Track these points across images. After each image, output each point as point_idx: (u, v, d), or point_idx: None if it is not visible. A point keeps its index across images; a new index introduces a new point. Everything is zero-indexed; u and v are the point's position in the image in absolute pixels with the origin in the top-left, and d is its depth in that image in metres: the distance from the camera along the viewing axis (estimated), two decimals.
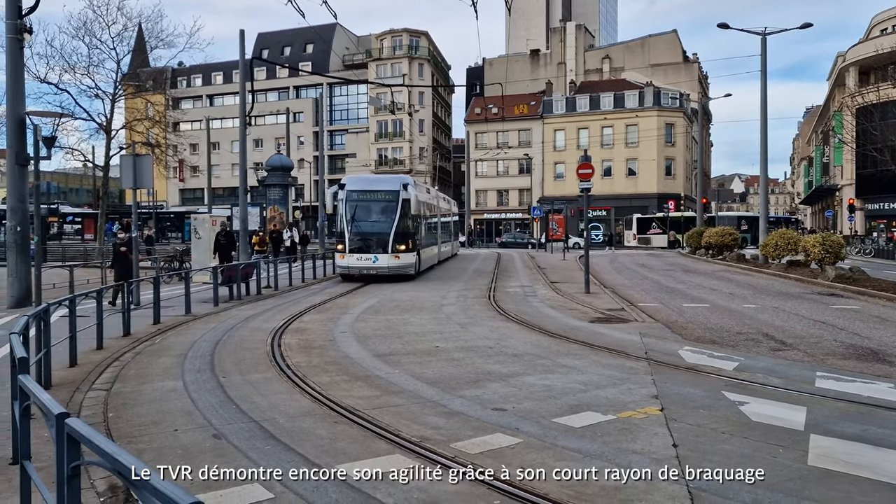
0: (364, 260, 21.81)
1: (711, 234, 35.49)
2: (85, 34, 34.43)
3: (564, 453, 5.51)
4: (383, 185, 23.27)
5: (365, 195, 22.55)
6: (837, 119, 46.55)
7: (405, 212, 22.30)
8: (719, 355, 9.72)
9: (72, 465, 2.83)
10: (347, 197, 22.39)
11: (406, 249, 22.10)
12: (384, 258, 21.71)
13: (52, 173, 64.17)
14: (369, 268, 21.81)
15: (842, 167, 54.91)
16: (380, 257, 21.74)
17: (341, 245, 22.27)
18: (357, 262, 21.89)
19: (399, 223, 22.03)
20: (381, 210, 22.39)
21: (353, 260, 21.89)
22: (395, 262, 21.81)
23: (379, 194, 22.61)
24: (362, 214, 22.34)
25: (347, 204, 22.30)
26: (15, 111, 16.31)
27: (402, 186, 22.50)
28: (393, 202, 22.24)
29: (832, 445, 5.67)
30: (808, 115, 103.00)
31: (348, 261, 21.96)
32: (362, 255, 21.81)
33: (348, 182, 23.24)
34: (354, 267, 21.93)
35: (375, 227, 22.17)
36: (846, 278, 20.26)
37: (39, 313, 7.63)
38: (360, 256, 21.81)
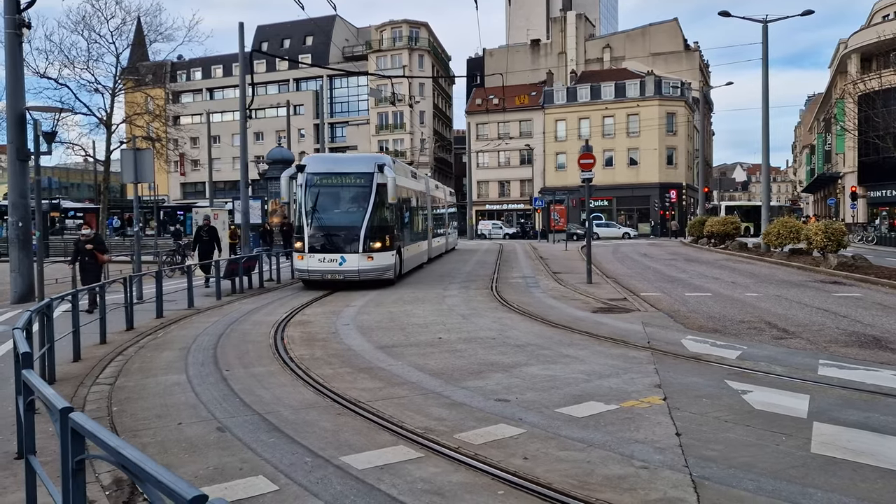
0: (328, 262, 17.28)
1: (713, 224, 35.45)
2: (84, 28, 34.41)
3: (568, 443, 5.52)
4: (353, 166, 18.47)
5: (330, 179, 17.99)
6: (839, 106, 46.38)
7: (381, 199, 17.80)
8: (722, 344, 9.72)
9: (76, 459, 2.83)
10: (308, 181, 17.88)
11: (382, 247, 17.67)
12: (353, 259, 17.26)
13: (52, 168, 64.13)
14: (334, 271, 17.29)
15: (844, 155, 54.77)
16: (348, 258, 17.23)
17: (300, 243, 17.63)
18: (319, 265, 17.33)
19: (373, 214, 17.55)
20: (350, 197, 17.96)
21: (313, 262, 17.31)
22: (367, 265, 17.40)
23: (347, 177, 18.00)
24: (326, 203, 17.86)
25: (308, 190, 17.83)
26: (15, 106, 16.30)
27: (377, 167, 17.87)
28: (365, 187, 17.72)
29: (835, 433, 5.67)
30: (809, 103, 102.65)
31: (308, 263, 17.41)
32: (325, 255, 17.29)
33: (310, 162, 18.44)
34: (315, 270, 17.40)
35: (343, 220, 17.71)
36: (848, 266, 20.23)
37: (42, 308, 7.64)
38: (323, 257, 17.27)
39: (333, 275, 17.27)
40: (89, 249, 14.11)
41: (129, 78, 37.58)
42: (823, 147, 70.43)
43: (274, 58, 72.32)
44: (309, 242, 17.36)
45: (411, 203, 22.53)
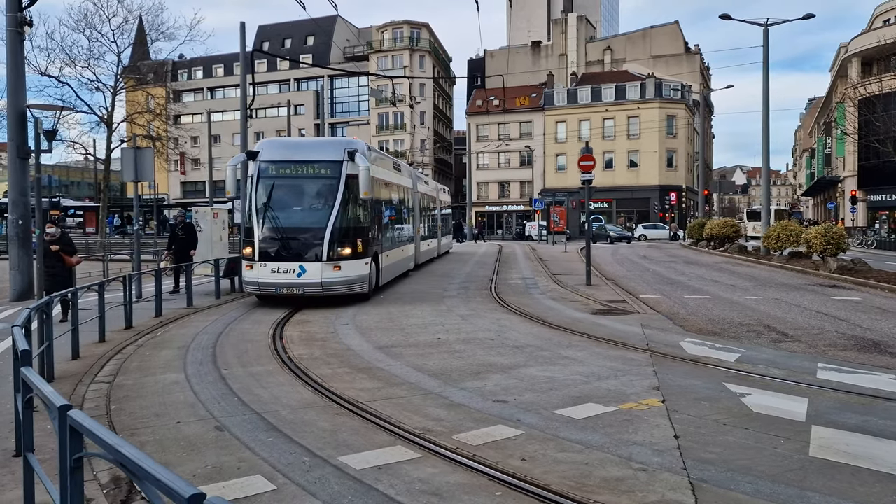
0: (283, 272, 13.91)
1: (713, 226, 35.47)
2: (85, 27, 34.43)
3: (566, 445, 5.52)
4: (317, 153, 14.98)
5: (288, 168, 14.67)
6: (840, 110, 46.39)
7: (352, 194, 14.44)
8: (721, 347, 9.72)
9: (74, 457, 2.83)
10: (261, 171, 14.59)
11: (353, 254, 14.32)
12: (315, 269, 13.91)
13: (53, 167, 64.15)
14: (291, 284, 13.89)
15: (844, 158, 54.77)
16: (309, 268, 13.91)
17: (249, 248, 14.30)
18: (272, 276, 13.94)
19: (342, 212, 14.24)
20: (313, 192, 14.76)
21: (265, 272, 13.95)
22: (333, 276, 14.02)
23: (310, 167, 14.68)
24: (283, 199, 14.60)
25: (260, 182, 14.54)
26: (16, 104, 16.30)
27: (347, 155, 14.50)
28: (332, 179, 14.42)
29: (833, 436, 5.67)
30: (810, 107, 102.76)
31: (259, 273, 14.02)
32: (280, 264, 13.93)
33: (264, 148, 15.08)
34: (268, 283, 13.97)
35: (303, 219, 14.46)
36: (848, 270, 20.24)
37: (41, 306, 7.64)
38: (278, 267, 13.93)
39: (290, 289, 13.88)
40: (55, 251, 12.17)
41: (131, 77, 37.61)
42: (823, 151, 70.48)
43: (275, 57, 72.31)
44: (260, 248, 14.05)
45: (393, 200, 19.46)
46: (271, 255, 14.02)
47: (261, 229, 14.19)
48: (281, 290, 14.01)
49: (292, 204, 14.68)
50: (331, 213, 14.14)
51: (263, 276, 14.02)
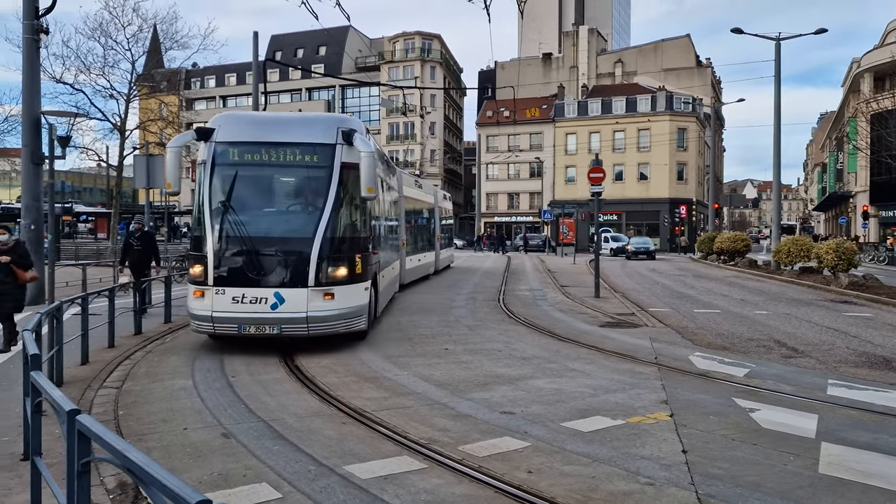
0: (251, 303, 9.73)
1: (723, 240, 35.32)
2: (101, 35, 34.73)
3: (573, 458, 5.49)
4: (299, 132, 10.59)
5: (257, 154, 10.33)
6: (852, 125, 46.21)
7: (348, 192, 10.35)
8: (730, 361, 9.66)
9: (82, 461, 2.85)
10: (218, 157, 10.25)
11: (351, 276, 10.24)
12: (298, 298, 9.78)
13: (66, 172, 64.72)
14: (263, 320, 9.75)
15: (856, 174, 54.49)
16: (289, 296, 9.78)
17: (199, 266, 10.00)
18: (233, 309, 9.74)
19: (335, 217, 10.09)
20: (295, 188, 10.78)
21: (223, 303, 9.76)
22: (324, 308, 9.89)
23: (290, 152, 10.36)
24: (250, 197, 10.43)
25: (217, 172, 10.22)
26: (31, 111, 16.45)
27: (342, 136, 10.32)
28: (321, 169, 10.25)
29: (843, 453, 5.62)
30: (822, 121, 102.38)
31: (214, 304, 9.78)
32: (247, 291, 9.75)
33: (221, 125, 10.53)
34: (227, 318, 9.74)
35: (280, 226, 10.38)
36: (859, 285, 20.10)
37: (52, 311, 7.68)
38: (242, 295, 9.74)
39: (260, 326, 9.62)
40: (4, 263, 9.46)
41: (144, 84, 37.92)
42: (835, 165, 70.13)
43: (287, 67, 72.89)
44: (216, 267, 9.76)
45: (384, 203, 14.79)
46: (233, 278, 9.61)
47: (217, 240, 9.73)
48: (246, 329, 9.50)
49: (263, 204, 10.45)
50: (320, 217, 9.83)
51: (220, 309, 9.52)
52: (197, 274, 9.99)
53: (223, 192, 10.12)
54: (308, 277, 9.79)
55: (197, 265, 10.02)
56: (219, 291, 9.77)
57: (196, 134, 10.38)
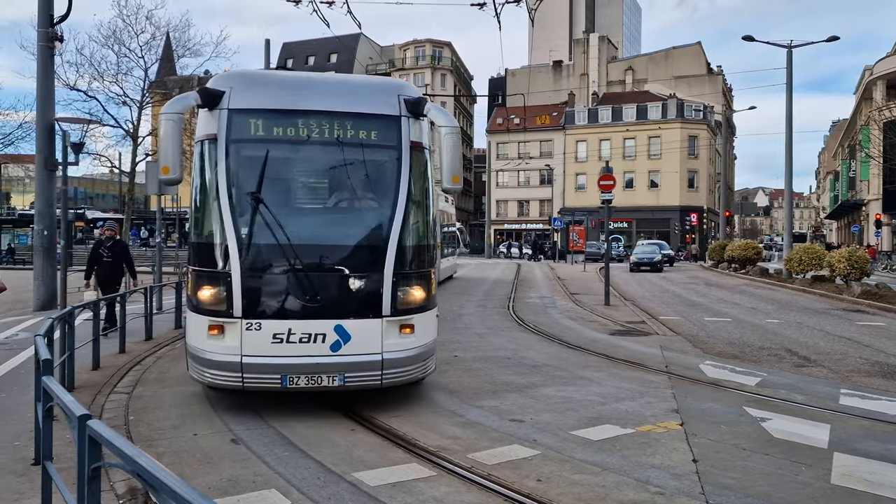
0: (301, 342, 6.70)
1: (734, 248, 35.15)
2: (114, 43, 35.04)
3: (582, 466, 5.47)
4: (347, 100, 7.45)
5: (293, 126, 7.20)
6: (864, 133, 45.93)
7: (419, 183, 7.47)
8: (741, 370, 9.60)
9: (92, 466, 2.86)
10: (234, 130, 7.07)
11: (428, 299, 7.35)
12: (369, 333, 6.88)
13: (79, 179, 65.19)
14: (318, 366, 6.69)
15: (868, 182, 54.13)
16: (356, 330, 6.83)
17: (214, 288, 6.83)
18: (278, 352, 6.65)
19: (408, 217, 7.22)
20: (350, 177, 7.42)
21: (258, 342, 6.65)
22: (403, 346, 7.01)
23: (338, 125, 7.26)
24: (286, 187, 7.52)
25: (234, 152, 7.04)
26: (45, 117, 16.61)
27: (405, 105, 7.43)
28: (386, 151, 7.37)
29: (856, 464, 5.57)
30: (834, 129, 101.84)
31: (246, 344, 6.64)
32: (295, 324, 6.71)
33: (236, 86, 7.22)
34: (269, 365, 6.65)
35: (337, 230, 7.44)
36: (872, 294, 19.94)
37: (64, 316, 7.73)
38: (288, 330, 6.69)
39: (315, 376, 6.73)
40: None
41: (157, 92, 38.21)
42: (848, 173, 69.69)
43: None
44: (248, 289, 6.76)
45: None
46: (273, 305, 6.79)
47: (245, 249, 6.75)
48: (294, 381, 6.66)
49: (307, 199, 7.83)
50: (391, 218, 7.07)
51: (255, 351, 6.63)
52: (210, 300, 6.76)
53: (247, 182, 6.92)
54: (382, 303, 6.85)
55: (209, 286, 6.79)
56: (251, 326, 6.60)
57: (200, 98, 7.01)
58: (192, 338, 7.08)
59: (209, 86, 7.21)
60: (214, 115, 7.08)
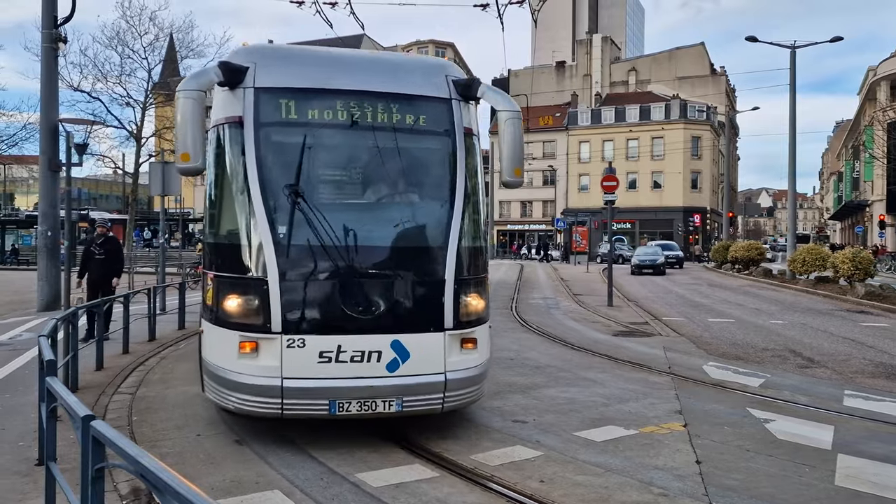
0: (356, 360, 5.70)
1: (738, 249, 35.09)
2: (118, 44, 35.15)
3: (585, 467, 5.46)
4: (390, 79, 6.52)
5: (331, 108, 6.22)
6: (868, 134, 45.83)
7: (473, 177, 6.54)
8: (745, 371, 9.58)
9: (96, 467, 2.86)
10: (263, 111, 6.07)
11: (486, 308, 6.52)
12: (430, 348, 5.92)
13: (82, 179, 65.33)
14: (374, 390, 5.70)
15: (872, 182, 54.02)
16: (415, 345, 5.86)
17: (247, 298, 5.80)
18: (325, 372, 5.64)
19: (465, 214, 6.31)
20: (399, 168, 6.40)
21: (302, 361, 5.63)
22: (465, 365, 6.07)
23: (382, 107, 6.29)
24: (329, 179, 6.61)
25: (265, 138, 6.05)
26: (49, 118, 16.65)
27: (453, 87, 6.57)
28: (435, 137, 6.50)
29: (860, 466, 5.55)
30: (837, 130, 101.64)
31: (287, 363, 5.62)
32: (346, 340, 5.71)
33: (261, 61, 6.21)
34: (315, 389, 5.62)
35: (390, 229, 6.25)
36: (876, 295, 19.89)
37: (68, 317, 7.75)
38: (339, 347, 5.68)
39: (369, 401, 5.73)
40: None
41: (160, 93, 38.32)
42: (851, 174, 69.56)
43: None
44: (289, 298, 5.74)
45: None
46: (319, 318, 5.83)
47: (285, 251, 5.80)
48: (345, 407, 5.69)
49: (353, 193, 6.74)
50: (449, 216, 6.23)
51: (298, 373, 5.68)
52: (241, 311, 5.79)
53: (282, 173, 6.04)
54: (444, 314, 5.96)
55: (239, 295, 5.82)
56: (293, 342, 5.63)
57: (221, 73, 5.99)
58: (213, 355, 6.02)
59: (232, 62, 6.16)
60: (237, 95, 6.11)
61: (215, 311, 6.00)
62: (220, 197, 6.39)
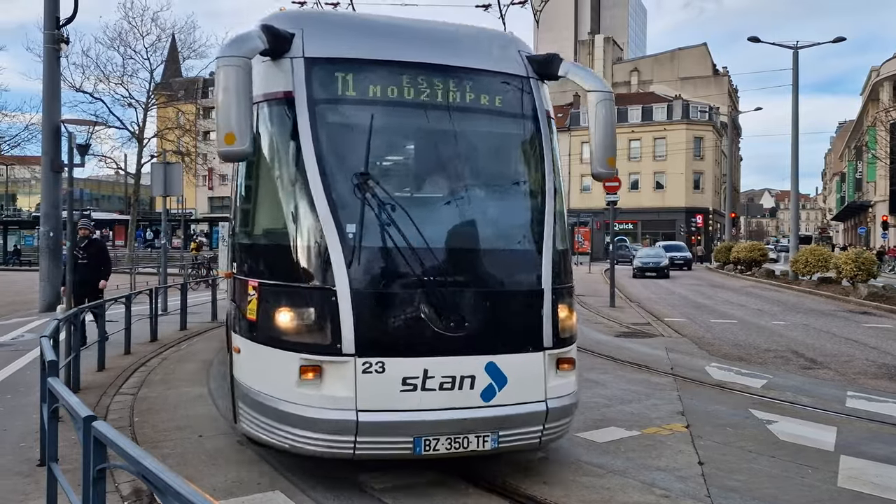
0: (445, 388, 4.71)
1: (740, 250, 35.07)
2: (120, 45, 35.24)
3: (587, 468, 5.45)
4: (462, 53, 5.53)
5: (397, 85, 5.19)
6: (871, 134, 45.78)
7: (557, 167, 5.58)
8: (747, 372, 9.57)
9: (98, 468, 2.86)
10: (317, 85, 5.05)
11: (576, 322, 5.68)
12: (528, 371, 4.97)
13: (84, 180, 65.44)
14: (467, 423, 4.73)
15: (875, 183, 53.97)
16: (512, 367, 4.89)
17: (302, 311, 4.80)
18: (409, 403, 4.67)
19: (556, 212, 5.40)
20: (478, 157, 5.59)
21: (386, 390, 4.65)
22: (564, 389, 5.19)
23: (454, 84, 5.30)
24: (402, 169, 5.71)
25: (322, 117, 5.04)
26: (51, 119, 16.67)
27: (528, 63, 5.68)
28: (516, 121, 5.57)
29: (863, 467, 5.54)
30: (840, 130, 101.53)
31: (367, 392, 4.63)
32: (432, 362, 4.71)
33: (308, 28, 5.26)
34: (397, 424, 4.64)
35: (474, 229, 5.27)
36: (879, 296, 19.86)
37: (70, 317, 7.75)
38: (425, 372, 4.68)
39: (461, 437, 4.75)
40: None
41: (162, 93, 38.41)
42: (854, 175, 69.48)
43: None
44: (364, 313, 4.72)
45: None
46: (400, 337, 4.83)
47: (356, 254, 4.81)
48: (432, 445, 4.70)
49: (429, 185, 5.62)
50: (542, 215, 5.38)
51: (376, 404, 4.67)
52: (301, 328, 4.81)
53: (345, 160, 5.09)
54: (543, 330, 5.09)
55: (297, 308, 4.83)
56: (370, 366, 4.65)
57: (265, 38, 4.95)
58: (257, 381, 5.00)
59: (280, 26, 5.09)
60: (282, 67, 5.12)
61: (263, 328, 4.95)
62: (264, 188, 5.40)
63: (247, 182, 5.60)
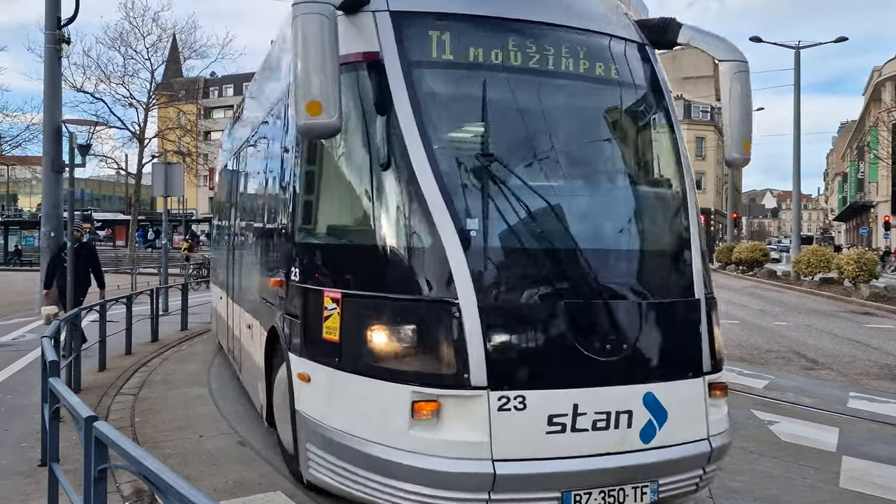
0: (599, 428, 3.71)
1: (742, 250, 35.05)
2: (121, 45, 35.29)
3: None
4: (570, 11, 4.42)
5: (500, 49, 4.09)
6: (873, 134, 45.75)
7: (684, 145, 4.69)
8: (749, 373, 9.55)
9: (99, 468, 2.86)
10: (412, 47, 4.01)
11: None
12: (688, 403, 4.02)
13: (85, 180, 65.51)
14: (623, 473, 3.76)
15: (877, 183, 53.92)
16: (672, 399, 3.91)
17: (411, 332, 3.74)
18: (555, 448, 3.65)
19: (694, 196, 4.55)
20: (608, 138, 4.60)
21: (528, 431, 3.63)
22: (723, 423, 4.23)
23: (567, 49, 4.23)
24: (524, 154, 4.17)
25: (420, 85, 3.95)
26: (52, 119, 16.66)
27: (637, 28, 4.78)
28: (644, 92, 4.63)
29: (865, 468, 5.53)
30: (842, 130, 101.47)
31: (504, 435, 3.60)
32: (582, 395, 3.70)
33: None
34: (540, 477, 3.62)
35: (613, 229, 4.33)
36: (881, 297, 19.85)
37: (70, 318, 7.75)
38: (575, 408, 3.67)
39: (617, 489, 3.75)
40: None
41: (163, 93, 38.46)
42: (856, 175, 69.43)
43: None
44: (497, 336, 3.71)
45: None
46: (548, 365, 3.78)
47: (484, 261, 3.81)
48: (583, 499, 3.69)
49: (555, 174, 4.26)
50: (686, 208, 4.49)
51: (517, 450, 3.63)
52: (412, 352, 3.79)
53: (457, 139, 4.28)
54: (702, 350, 4.26)
55: (404, 327, 3.82)
56: (508, 402, 3.67)
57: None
58: (345, 419, 3.98)
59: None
60: (362, 24, 4.08)
61: (352, 353, 3.93)
62: (345, 174, 4.40)
63: (311, 166, 4.52)
